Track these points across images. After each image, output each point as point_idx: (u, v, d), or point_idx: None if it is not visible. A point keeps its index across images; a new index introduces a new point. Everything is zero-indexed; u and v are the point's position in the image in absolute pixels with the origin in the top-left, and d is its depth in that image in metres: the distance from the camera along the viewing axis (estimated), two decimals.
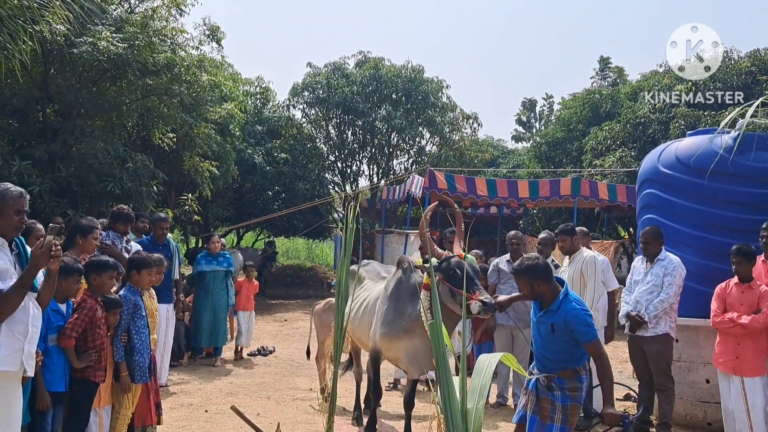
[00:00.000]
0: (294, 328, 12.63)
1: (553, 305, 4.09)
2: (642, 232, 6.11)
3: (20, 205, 3.51)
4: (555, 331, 4.05)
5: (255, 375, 8.45)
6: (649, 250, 5.97)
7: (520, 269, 4.18)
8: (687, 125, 14.25)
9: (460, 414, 2.16)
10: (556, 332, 4.05)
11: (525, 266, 4.17)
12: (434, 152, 20.72)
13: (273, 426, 5.59)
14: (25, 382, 3.70)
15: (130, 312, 4.83)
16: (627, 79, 21.80)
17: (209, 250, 9.34)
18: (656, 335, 5.78)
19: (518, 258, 7.07)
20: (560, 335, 4.06)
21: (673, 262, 5.86)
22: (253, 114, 18.21)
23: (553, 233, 7.06)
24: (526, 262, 4.20)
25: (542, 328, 4.17)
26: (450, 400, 2.17)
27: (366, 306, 6.02)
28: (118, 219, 6.51)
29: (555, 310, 4.07)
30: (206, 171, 11.96)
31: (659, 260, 5.93)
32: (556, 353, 4.13)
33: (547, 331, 4.11)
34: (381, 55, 20.29)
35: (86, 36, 8.75)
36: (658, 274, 5.88)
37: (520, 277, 4.20)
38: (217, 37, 12.82)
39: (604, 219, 17.44)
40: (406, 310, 5.37)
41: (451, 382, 2.20)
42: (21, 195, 3.54)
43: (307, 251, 29.00)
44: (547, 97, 33.42)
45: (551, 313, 4.09)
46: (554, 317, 4.07)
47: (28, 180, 8.26)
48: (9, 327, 3.43)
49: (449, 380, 2.21)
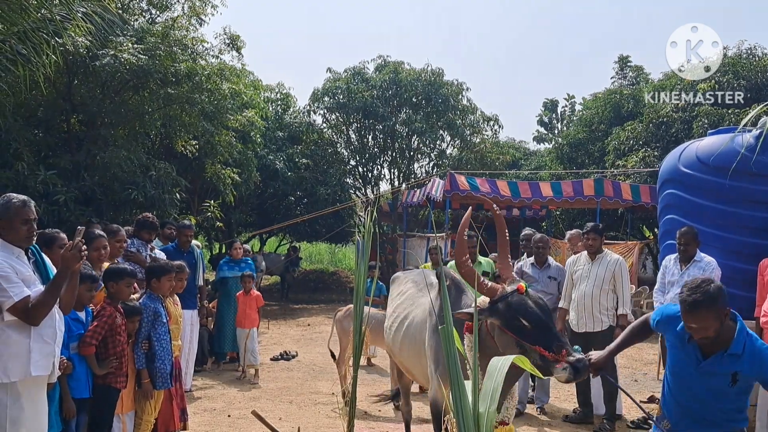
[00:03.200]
0: (317, 332, 12.68)
1: (734, 347, 2.94)
2: (679, 233, 6.04)
3: (25, 215, 3.53)
4: (737, 382, 2.96)
5: (277, 379, 8.50)
6: (689, 251, 5.93)
7: (703, 300, 2.83)
8: (710, 124, 14.07)
9: (472, 418, 2.17)
10: (738, 384, 2.97)
11: (711, 294, 2.86)
12: (455, 155, 20.67)
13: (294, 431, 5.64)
14: (51, 389, 3.78)
15: (150, 319, 4.89)
16: (648, 78, 21.54)
17: (231, 257, 9.44)
18: None
19: (543, 262, 7.05)
20: (742, 387, 3.01)
21: (711, 263, 5.83)
22: (274, 120, 18.34)
23: (580, 231, 7.04)
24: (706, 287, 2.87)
25: (713, 382, 3.01)
26: (462, 404, 2.18)
27: (410, 323, 4.90)
28: (143, 227, 6.62)
29: (739, 353, 2.93)
30: (228, 178, 12.09)
31: (695, 261, 5.90)
32: (726, 412, 3.07)
33: (723, 384, 2.99)
34: (400, 59, 20.31)
35: (108, 48, 8.89)
36: (696, 275, 5.83)
37: (707, 310, 2.84)
38: (237, 45, 12.95)
39: (628, 219, 17.27)
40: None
41: (462, 386, 2.21)
42: (24, 204, 3.55)
43: (330, 255, 29.11)
44: (568, 97, 33.16)
45: (733, 358, 2.94)
46: (738, 363, 2.94)
47: (53, 189, 8.43)
48: (39, 332, 3.52)
49: (461, 384, 2.21)
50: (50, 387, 3.76)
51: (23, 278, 3.51)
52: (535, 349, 3.40)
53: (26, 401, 3.50)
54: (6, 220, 3.51)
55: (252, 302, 8.75)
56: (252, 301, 8.75)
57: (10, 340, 3.45)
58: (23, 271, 3.53)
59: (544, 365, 3.37)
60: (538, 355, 3.39)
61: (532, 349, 3.41)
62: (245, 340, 8.47)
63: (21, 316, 3.44)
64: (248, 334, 8.50)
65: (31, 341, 3.51)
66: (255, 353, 8.54)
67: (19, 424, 3.44)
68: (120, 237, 5.58)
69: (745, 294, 5.72)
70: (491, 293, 3.66)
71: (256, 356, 8.58)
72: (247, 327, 8.56)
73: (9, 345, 3.45)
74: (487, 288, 3.69)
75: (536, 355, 3.40)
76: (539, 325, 3.46)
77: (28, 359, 3.49)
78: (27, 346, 3.49)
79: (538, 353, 3.39)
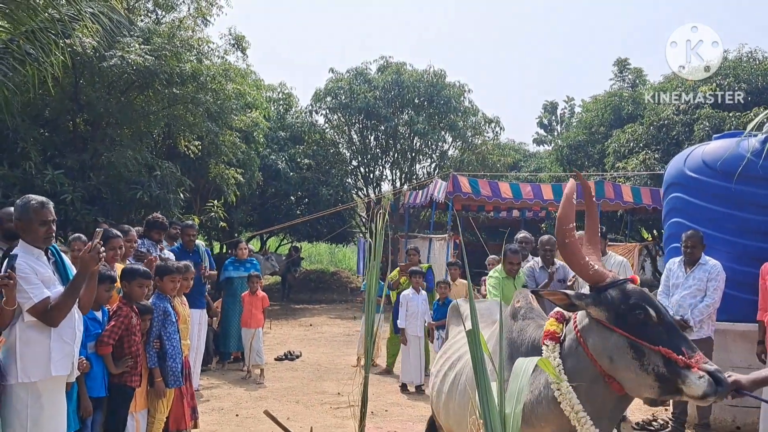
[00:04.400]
0: (319, 332, 12.73)
1: None
2: (685, 236, 6.08)
3: (44, 216, 3.56)
4: None
5: (283, 380, 8.54)
6: (695, 254, 5.98)
7: None
8: (711, 127, 14.16)
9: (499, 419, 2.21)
10: None
11: None
12: (456, 156, 20.74)
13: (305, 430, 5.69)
14: (68, 389, 3.82)
15: (161, 318, 4.93)
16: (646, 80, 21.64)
17: (237, 257, 9.47)
18: (700, 339, 5.73)
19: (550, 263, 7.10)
20: None
21: (716, 267, 5.88)
22: (276, 120, 18.39)
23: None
24: None
25: None
26: (489, 406, 2.22)
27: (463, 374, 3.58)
28: (153, 227, 6.67)
29: None
30: (232, 178, 12.13)
31: (701, 264, 5.94)
32: None
33: None
34: (403, 60, 20.38)
35: (115, 49, 8.92)
36: (701, 278, 5.89)
37: None
38: (242, 46, 12.98)
39: (628, 221, 17.34)
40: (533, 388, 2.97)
41: (489, 388, 2.25)
42: (43, 206, 3.57)
43: (330, 256, 29.15)
44: (568, 99, 33.31)
45: None
46: None
47: (60, 189, 8.46)
48: (58, 332, 3.56)
49: (488, 386, 2.25)
50: (68, 386, 3.80)
51: (43, 279, 3.55)
52: (657, 351, 2.56)
53: (46, 401, 3.53)
54: (25, 222, 3.54)
55: (258, 302, 8.73)
56: (258, 302, 8.73)
57: (31, 341, 3.49)
58: (43, 272, 3.57)
59: (669, 374, 2.54)
60: (661, 359, 2.55)
61: (652, 350, 2.57)
62: (251, 340, 8.46)
63: (40, 317, 3.47)
64: (254, 334, 8.50)
65: (51, 341, 3.55)
66: (261, 353, 8.57)
67: (39, 423, 3.48)
68: (131, 237, 5.64)
69: (750, 297, 5.76)
70: (597, 278, 2.83)
71: (262, 356, 8.60)
72: (253, 327, 8.55)
73: (30, 345, 3.49)
74: (592, 271, 2.84)
75: (659, 360, 2.56)
76: (665, 322, 2.64)
77: (49, 359, 3.52)
78: (47, 347, 3.53)
79: (662, 356, 2.55)
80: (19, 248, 3.56)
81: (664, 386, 2.56)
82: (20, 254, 3.50)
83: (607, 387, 2.75)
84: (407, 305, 8.24)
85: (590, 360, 2.77)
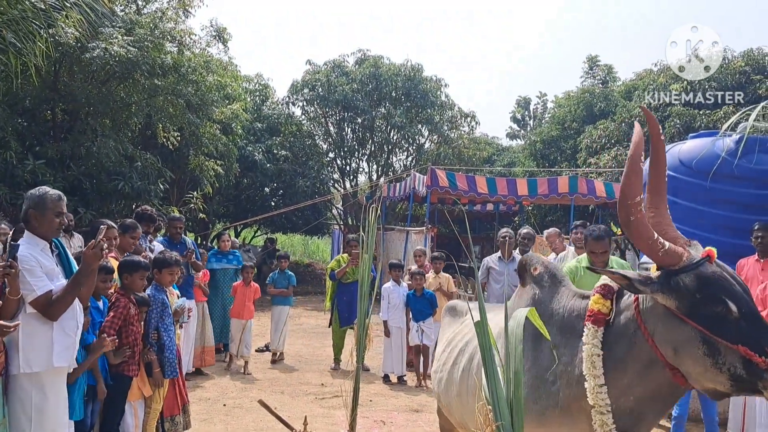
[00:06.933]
0: (297, 324, 12.80)
1: None
2: None
3: (59, 208, 3.67)
4: None
5: (265, 371, 8.62)
6: None
7: None
8: (682, 124, 14.49)
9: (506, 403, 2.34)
10: None
11: None
12: (433, 150, 20.92)
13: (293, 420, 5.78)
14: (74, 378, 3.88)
15: (159, 310, 4.99)
16: (616, 77, 22.04)
17: (219, 249, 9.51)
18: None
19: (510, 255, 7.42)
20: None
21: None
22: (252, 111, 18.37)
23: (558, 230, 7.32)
24: None
25: None
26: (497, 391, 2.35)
27: (476, 357, 3.33)
28: (142, 220, 6.68)
29: None
30: (211, 170, 12.12)
31: None
32: None
33: None
34: (380, 54, 20.49)
35: (98, 40, 8.87)
36: None
37: None
38: (223, 38, 12.95)
39: (599, 215, 17.69)
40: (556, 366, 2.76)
41: (496, 374, 2.37)
42: (60, 198, 3.68)
43: (304, 247, 29.16)
44: (540, 95, 33.66)
45: None
46: None
47: (41, 179, 8.41)
48: (60, 325, 3.61)
49: (495, 372, 2.37)
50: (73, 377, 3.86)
51: (47, 271, 3.59)
52: (735, 350, 2.30)
53: (49, 391, 3.59)
54: (40, 211, 3.60)
55: (251, 294, 8.76)
56: (251, 293, 8.77)
57: (34, 332, 3.54)
58: (47, 264, 3.62)
59: (748, 375, 2.31)
60: (739, 359, 2.30)
61: (730, 349, 2.31)
62: (242, 332, 8.46)
63: (41, 309, 3.52)
64: (245, 325, 8.52)
65: (54, 333, 3.60)
66: (248, 345, 8.61)
67: (43, 412, 3.54)
68: (136, 234, 5.68)
69: None
70: (671, 259, 2.47)
71: (249, 348, 8.65)
72: (245, 318, 8.57)
73: (32, 337, 3.53)
74: (662, 252, 2.48)
75: (736, 360, 2.31)
76: (747, 315, 2.35)
77: (51, 351, 3.57)
78: (50, 338, 3.58)
79: (741, 356, 2.30)
80: (24, 239, 3.61)
81: (740, 385, 2.35)
82: (25, 245, 3.55)
83: (665, 374, 2.53)
84: (389, 297, 8.37)
85: (650, 346, 2.53)
